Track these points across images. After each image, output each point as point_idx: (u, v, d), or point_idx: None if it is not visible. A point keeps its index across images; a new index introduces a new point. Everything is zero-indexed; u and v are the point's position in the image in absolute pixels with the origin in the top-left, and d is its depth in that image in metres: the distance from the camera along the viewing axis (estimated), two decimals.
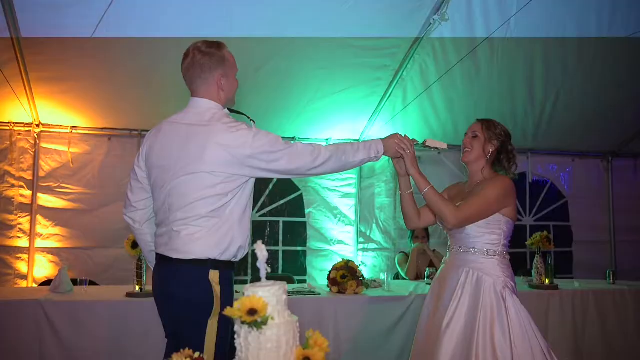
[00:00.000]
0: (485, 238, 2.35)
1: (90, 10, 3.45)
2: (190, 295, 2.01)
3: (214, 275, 1.99)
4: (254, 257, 1.16)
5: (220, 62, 2.14)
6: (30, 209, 4.56)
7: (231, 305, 1.94)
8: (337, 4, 3.64)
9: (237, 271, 2.21)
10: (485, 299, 2.24)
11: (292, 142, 2.17)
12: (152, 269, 2.23)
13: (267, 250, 1.14)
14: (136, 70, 4.10)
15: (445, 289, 2.39)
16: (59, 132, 4.63)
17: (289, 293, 3.42)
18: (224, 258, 2.03)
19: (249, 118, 2.22)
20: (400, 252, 4.92)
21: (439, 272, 2.56)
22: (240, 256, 2.10)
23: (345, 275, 3.65)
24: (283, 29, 3.81)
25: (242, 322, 1.06)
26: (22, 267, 4.52)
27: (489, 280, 2.28)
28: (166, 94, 4.30)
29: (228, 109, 2.22)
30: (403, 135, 2.41)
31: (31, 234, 4.54)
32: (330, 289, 3.71)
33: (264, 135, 2.06)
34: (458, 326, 2.24)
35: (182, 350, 1.25)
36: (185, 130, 2.06)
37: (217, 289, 1.99)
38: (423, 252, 4.67)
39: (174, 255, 2.01)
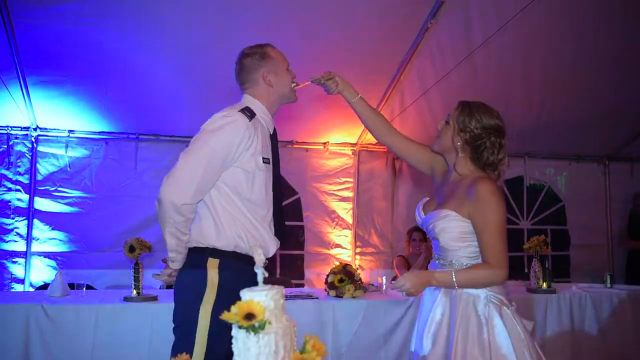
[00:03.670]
0: (462, 252, 2.06)
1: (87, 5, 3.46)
2: (183, 278, 2.11)
3: (212, 263, 2.05)
4: None
5: (262, 58, 2.21)
6: (28, 212, 4.55)
7: (232, 297, 1.94)
8: (334, 8, 3.66)
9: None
10: (462, 318, 1.99)
11: (289, 145, 2.19)
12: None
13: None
14: (134, 74, 4.10)
15: (426, 304, 2.17)
16: (56, 136, 4.62)
17: (287, 297, 3.42)
18: (225, 248, 2.07)
19: None
20: (398, 256, 4.93)
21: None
22: (244, 247, 2.09)
23: (343, 279, 3.65)
24: (280, 33, 3.81)
25: (240, 327, 1.06)
26: (18, 271, 4.51)
27: (466, 298, 2.01)
28: (164, 98, 4.30)
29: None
30: None
31: (28, 238, 4.53)
32: (328, 293, 3.70)
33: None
34: (440, 349, 2.02)
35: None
36: None
37: (213, 276, 2.03)
38: (419, 253, 4.68)
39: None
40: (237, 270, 2.06)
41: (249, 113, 2.10)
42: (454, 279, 1.97)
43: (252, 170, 2.08)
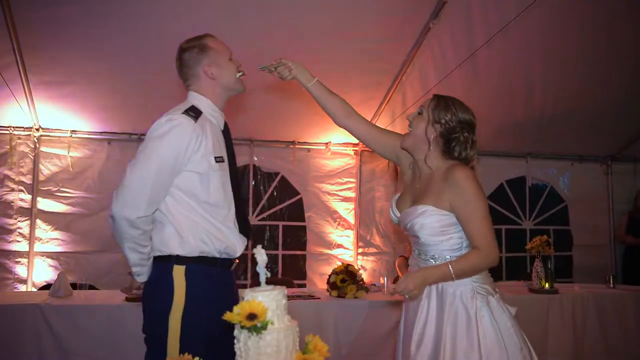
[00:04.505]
0: (444, 245, 2.04)
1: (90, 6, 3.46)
2: (149, 288, 2.06)
3: (178, 270, 1.97)
4: (254, 262, 1.16)
5: (201, 51, 2.11)
6: (30, 213, 4.56)
7: (202, 302, 1.92)
8: (336, 8, 3.66)
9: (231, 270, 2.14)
10: (449, 313, 1.97)
11: (291, 145, 2.14)
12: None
13: (267, 255, 1.14)
14: (136, 73, 4.11)
15: (411, 307, 2.12)
16: (59, 136, 4.63)
17: (289, 297, 3.42)
18: (190, 254, 1.99)
19: None
20: (400, 256, 4.93)
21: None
22: (210, 251, 2.02)
23: (345, 280, 3.65)
24: (282, 34, 3.82)
25: (242, 327, 1.06)
26: (21, 271, 4.52)
27: (453, 292, 2.00)
28: (166, 98, 4.29)
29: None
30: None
31: (31, 238, 4.54)
32: (330, 293, 3.71)
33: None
34: (428, 348, 1.99)
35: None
36: None
37: (180, 284, 1.96)
38: None
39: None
40: (205, 275, 2.01)
41: (193, 113, 2.01)
42: (452, 271, 1.94)
43: (205, 172, 2.00)
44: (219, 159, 2.04)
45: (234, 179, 2.14)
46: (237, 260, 2.15)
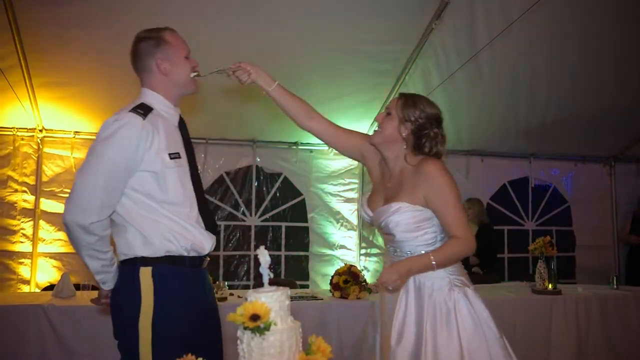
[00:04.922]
0: (418, 240, 2.06)
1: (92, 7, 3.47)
2: (116, 293, 1.99)
3: (145, 272, 1.91)
4: (257, 263, 1.16)
5: (157, 44, 2.01)
6: (33, 213, 4.56)
7: (172, 303, 1.90)
8: (338, 9, 3.66)
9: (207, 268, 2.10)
10: (429, 306, 1.99)
11: (293, 146, 2.10)
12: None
13: (270, 255, 1.14)
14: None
15: (388, 299, 2.12)
16: (62, 137, 4.64)
17: (292, 298, 3.42)
18: (155, 255, 1.92)
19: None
20: None
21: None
22: (176, 250, 1.95)
23: (348, 280, 3.65)
24: (285, 35, 3.82)
25: (245, 328, 1.06)
26: (24, 272, 4.53)
27: (431, 285, 2.02)
28: None
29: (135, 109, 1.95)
30: None
31: (34, 239, 4.55)
32: (333, 294, 3.70)
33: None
34: (409, 343, 1.99)
35: None
36: None
37: (148, 286, 1.90)
38: None
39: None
40: (173, 274, 1.94)
41: (142, 110, 1.91)
42: (432, 261, 1.97)
43: (160, 170, 1.91)
44: (174, 155, 1.95)
45: (194, 176, 2.06)
46: (209, 258, 2.09)
